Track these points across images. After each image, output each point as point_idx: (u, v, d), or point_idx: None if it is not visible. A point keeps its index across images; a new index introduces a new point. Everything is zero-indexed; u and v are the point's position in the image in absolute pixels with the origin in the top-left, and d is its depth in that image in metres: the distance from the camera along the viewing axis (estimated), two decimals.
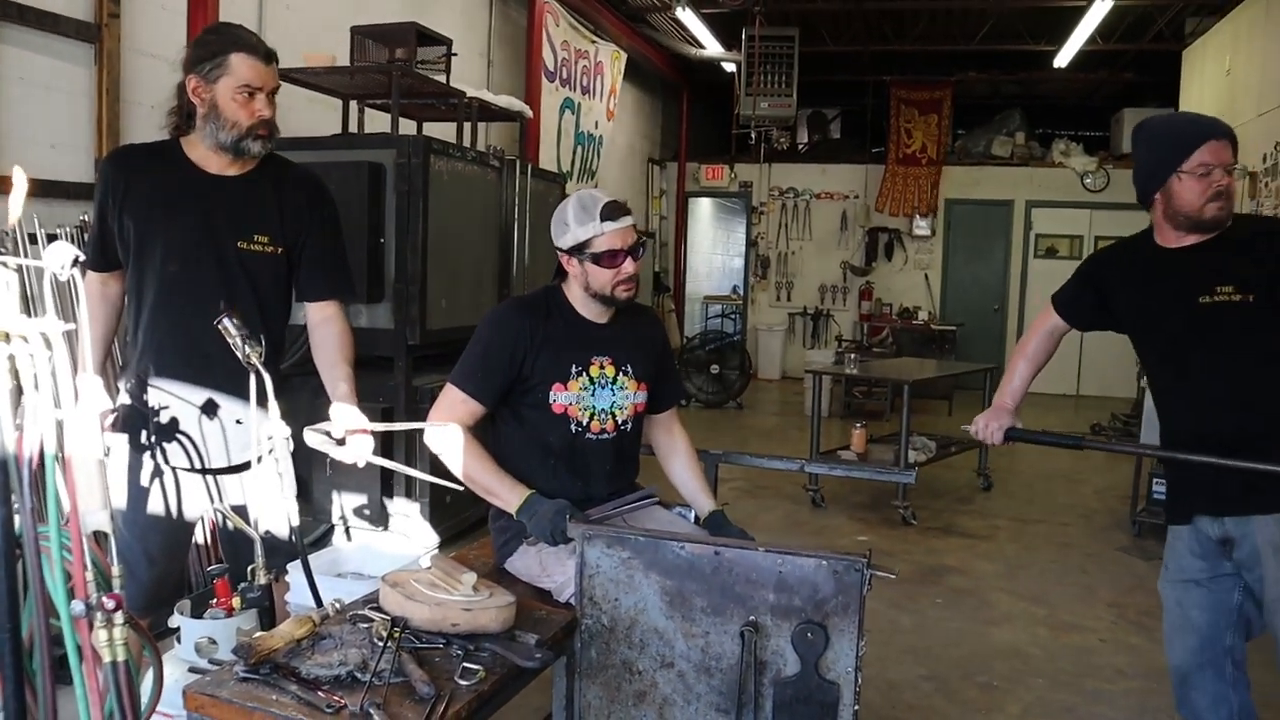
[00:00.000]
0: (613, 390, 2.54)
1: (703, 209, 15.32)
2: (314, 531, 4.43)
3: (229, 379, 2.41)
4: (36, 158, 3.83)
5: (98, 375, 2.44)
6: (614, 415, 2.54)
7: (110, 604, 1.42)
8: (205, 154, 2.46)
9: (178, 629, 2.26)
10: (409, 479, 4.33)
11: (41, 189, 3.77)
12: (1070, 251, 12.42)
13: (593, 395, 2.51)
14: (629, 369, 2.56)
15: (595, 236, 2.43)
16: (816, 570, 2.10)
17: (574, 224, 2.44)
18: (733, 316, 13.65)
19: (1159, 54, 10.46)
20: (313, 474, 4.43)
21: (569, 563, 2.31)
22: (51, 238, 3.44)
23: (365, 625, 2.04)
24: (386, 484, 4.39)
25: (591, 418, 2.51)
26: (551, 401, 2.48)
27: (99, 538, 1.50)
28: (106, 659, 1.44)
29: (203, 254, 2.39)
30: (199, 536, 3.00)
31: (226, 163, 2.46)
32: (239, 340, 2.21)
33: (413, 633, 2.02)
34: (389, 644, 1.92)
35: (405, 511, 4.37)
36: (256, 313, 2.45)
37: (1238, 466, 2.39)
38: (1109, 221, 12.11)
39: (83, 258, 1.52)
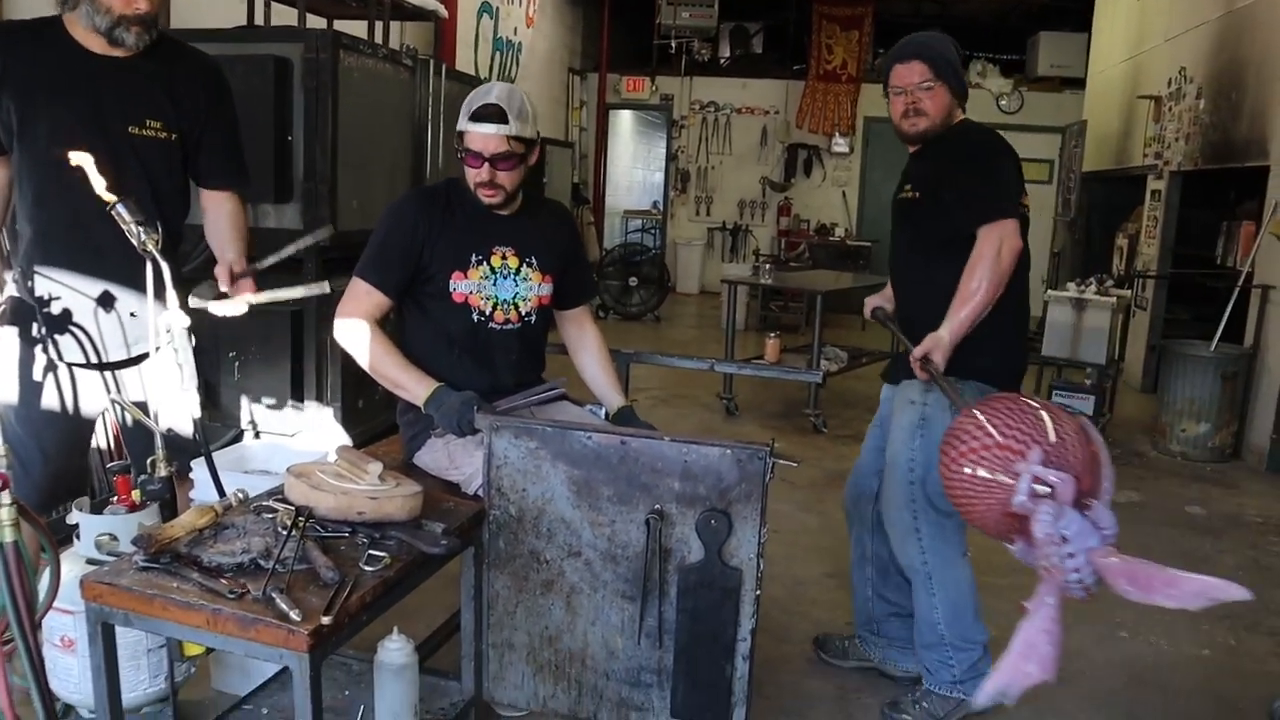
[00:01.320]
0: (515, 280, 2.54)
1: (624, 122, 15.12)
2: (222, 437, 4.36)
3: (122, 268, 2.33)
4: None
5: None
6: (517, 306, 2.54)
7: None
8: (86, 34, 2.33)
9: (76, 525, 2.22)
10: (319, 384, 4.28)
11: None
12: None
13: (494, 285, 2.51)
14: (533, 260, 2.56)
15: (466, 132, 2.43)
16: (721, 459, 2.15)
17: (462, 114, 2.45)
18: (652, 231, 13.63)
19: None
20: (220, 379, 4.35)
21: (477, 454, 2.32)
22: None
23: (270, 515, 2.03)
24: (297, 388, 4.33)
25: (495, 307, 2.51)
26: (452, 290, 2.48)
27: None
28: None
29: (91, 138, 2.26)
30: (100, 436, 2.92)
31: (108, 45, 2.33)
32: (134, 227, 2.14)
33: (318, 522, 2.01)
34: (293, 532, 1.92)
35: (316, 416, 4.33)
36: (151, 201, 2.35)
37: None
38: (1023, 143, 12.07)
39: None
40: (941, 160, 2.74)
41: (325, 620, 1.66)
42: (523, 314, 2.55)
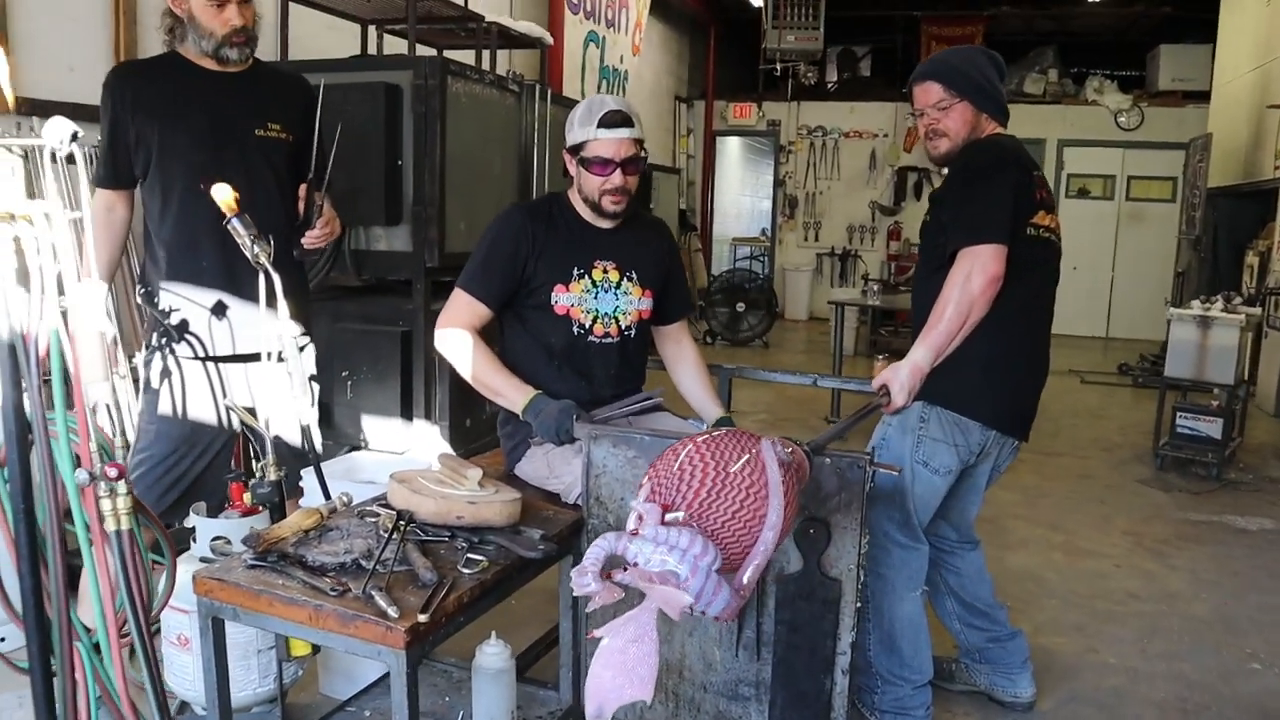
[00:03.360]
0: (616, 294, 2.56)
1: (732, 150, 15.16)
2: (336, 454, 4.49)
3: (240, 277, 2.46)
4: (57, 80, 3.84)
5: (104, 283, 2.50)
6: (617, 320, 2.56)
7: (113, 472, 1.45)
8: (199, 58, 2.53)
9: (193, 529, 2.31)
10: (428, 402, 4.37)
11: (61, 111, 3.78)
12: (1103, 192, 12.21)
13: (595, 298, 2.54)
14: (633, 274, 2.58)
15: (590, 140, 2.45)
16: (820, 467, 2.10)
17: (578, 124, 2.48)
18: (761, 258, 13.58)
19: None
20: (333, 398, 4.49)
21: (575, 463, 2.33)
22: (70, 159, 3.44)
23: (372, 519, 2.08)
24: (406, 406, 4.43)
25: (595, 320, 2.54)
26: (554, 303, 2.51)
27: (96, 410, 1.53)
28: (110, 528, 1.48)
29: (226, 141, 2.48)
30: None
31: (219, 64, 2.53)
32: (248, 240, 2.24)
33: (419, 526, 2.05)
34: (394, 535, 1.96)
35: (425, 433, 4.42)
36: (278, 195, 2.57)
37: None
38: (1142, 160, 11.90)
39: (81, 132, 1.53)
40: (945, 180, 2.68)
41: (422, 618, 1.69)
42: (622, 328, 2.57)
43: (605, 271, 2.55)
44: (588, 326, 2.53)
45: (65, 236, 1.49)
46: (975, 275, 2.43)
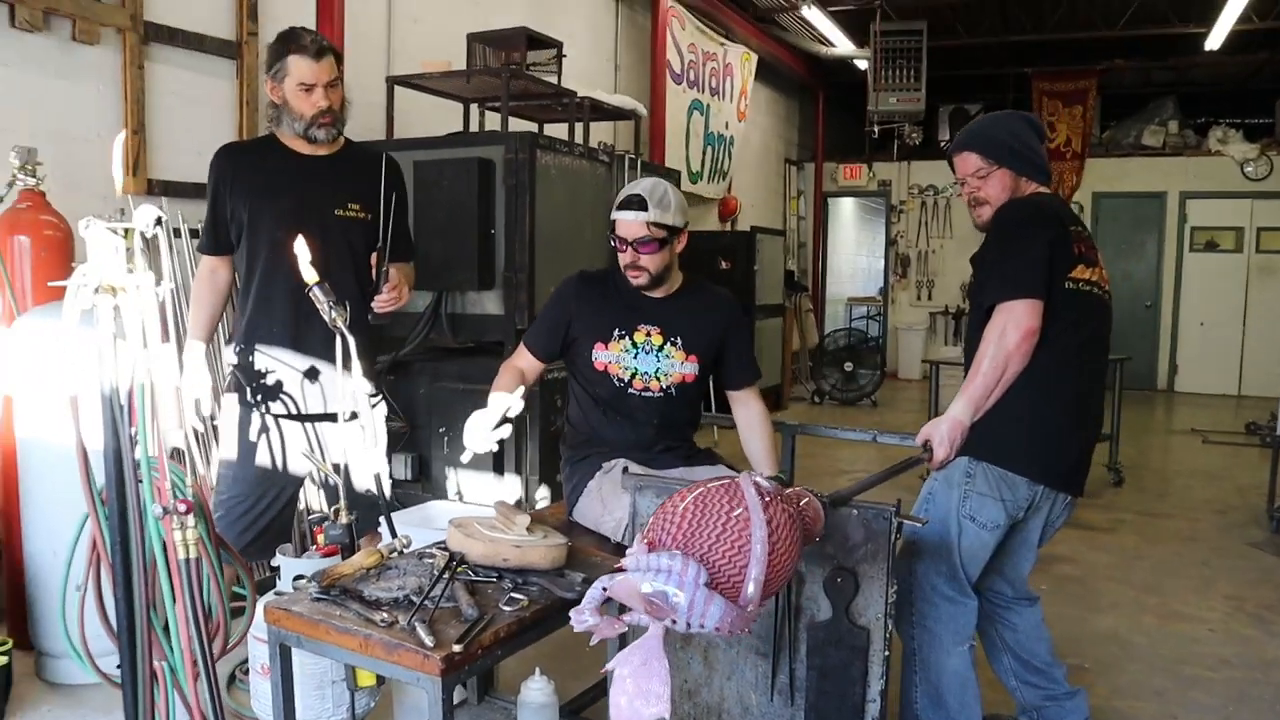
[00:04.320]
0: (658, 357, 2.76)
1: (844, 210, 15.23)
2: (417, 503, 4.73)
3: (328, 333, 2.72)
4: (185, 164, 4.26)
5: (202, 342, 2.81)
6: (658, 379, 2.76)
7: (182, 508, 1.68)
8: (294, 140, 2.85)
9: (278, 568, 2.55)
10: (519, 457, 4.58)
11: (188, 191, 4.20)
12: (1234, 245, 11.77)
13: (634, 358, 2.75)
14: (677, 340, 2.78)
15: (614, 220, 2.72)
16: (847, 519, 2.20)
17: (615, 205, 2.71)
18: (876, 318, 13.54)
19: None
20: (430, 452, 4.75)
21: (626, 499, 2.49)
22: (194, 233, 3.82)
23: (429, 560, 2.26)
24: (498, 462, 4.65)
25: (634, 376, 2.75)
26: (594, 359, 2.75)
27: (177, 454, 1.76)
28: (180, 556, 1.70)
29: (307, 220, 2.73)
30: (309, 494, 3.31)
31: (310, 146, 2.81)
32: (327, 306, 2.48)
33: (470, 567, 2.22)
34: (445, 574, 2.13)
35: (515, 486, 4.63)
36: (352, 270, 2.82)
37: None
38: (1273, 211, 11.44)
39: (164, 217, 1.78)
40: (984, 241, 2.72)
41: (457, 649, 1.84)
42: (664, 386, 2.75)
43: (648, 335, 2.77)
44: (627, 380, 2.74)
45: (152, 305, 1.74)
46: (1010, 330, 2.49)
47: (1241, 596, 4.49)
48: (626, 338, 2.77)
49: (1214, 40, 9.90)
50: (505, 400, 2.63)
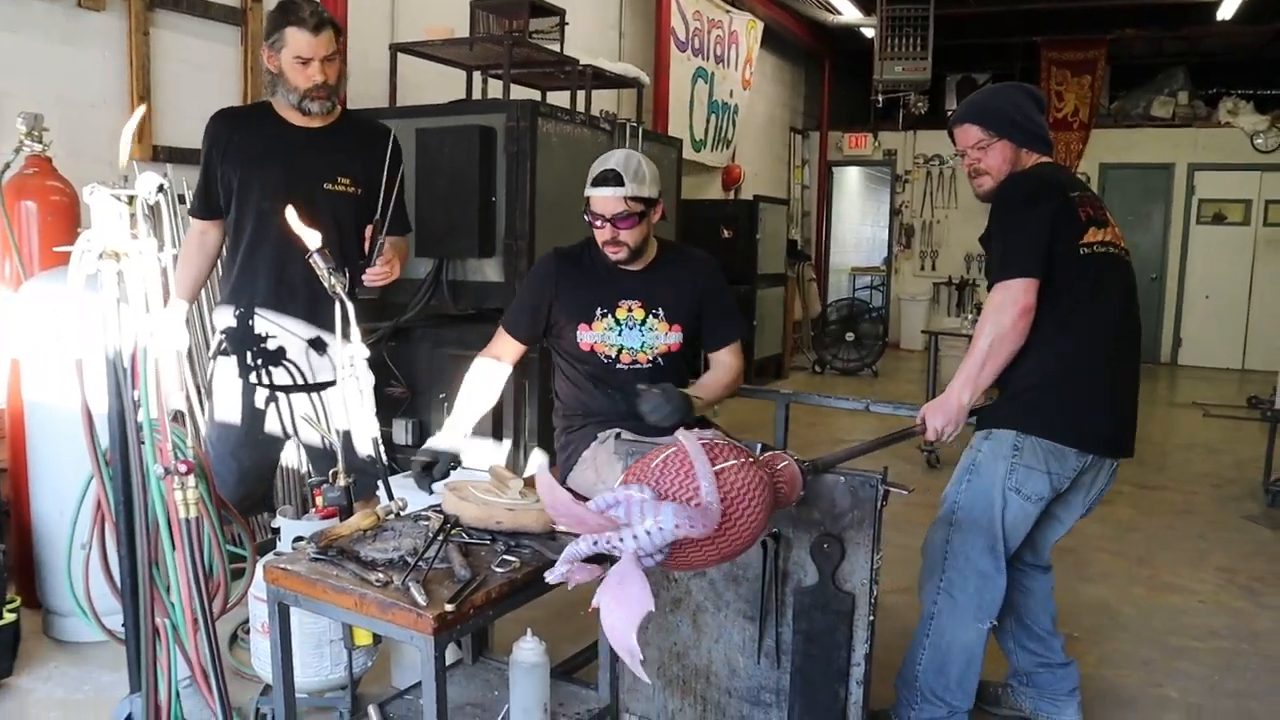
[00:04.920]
0: (642, 331, 2.79)
1: (850, 180, 15.19)
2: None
3: (308, 306, 2.76)
4: (190, 129, 4.26)
5: (185, 301, 2.86)
6: (645, 351, 2.80)
7: (183, 468, 1.73)
8: (288, 111, 2.86)
9: (278, 529, 2.61)
10: (517, 423, 4.63)
11: (192, 158, 4.22)
12: (1242, 217, 11.72)
13: (619, 335, 2.78)
14: (659, 311, 2.80)
15: (588, 197, 2.71)
16: (835, 486, 2.24)
17: (588, 181, 2.72)
18: (880, 288, 13.55)
19: None
20: (431, 418, 4.80)
21: (619, 468, 2.53)
22: (156, 207, 3.87)
23: (424, 522, 2.32)
24: (497, 427, 4.70)
25: (620, 352, 2.79)
26: (579, 340, 2.79)
27: (179, 416, 1.81)
28: (180, 515, 1.75)
29: (295, 193, 2.73)
30: (289, 460, 3.39)
31: (305, 118, 2.84)
32: (327, 272, 2.52)
33: (464, 529, 2.28)
34: (439, 536, 2.19)
35: (514, 452, 4.69)
36: (338, 245, 2.80)
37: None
38: None
39: (167, 185, 1.82)
40: (990, 217, 2.74)
41: (449, 608, 1.90)
42: (651, 358, 2.80)
43: (630, 310, 2.79)
44: (614, 357, 2.78)
45: (155, 271, 1.78)
46: (1007, 308, 2.53)
47: (1234, 569, 4.55)
48: (609, 315, 2.79)
49: (1226, 9, 9.82)
50: (453, 441, 2.70)
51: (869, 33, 10.82)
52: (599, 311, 2.79)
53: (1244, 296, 11.72)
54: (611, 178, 2.66)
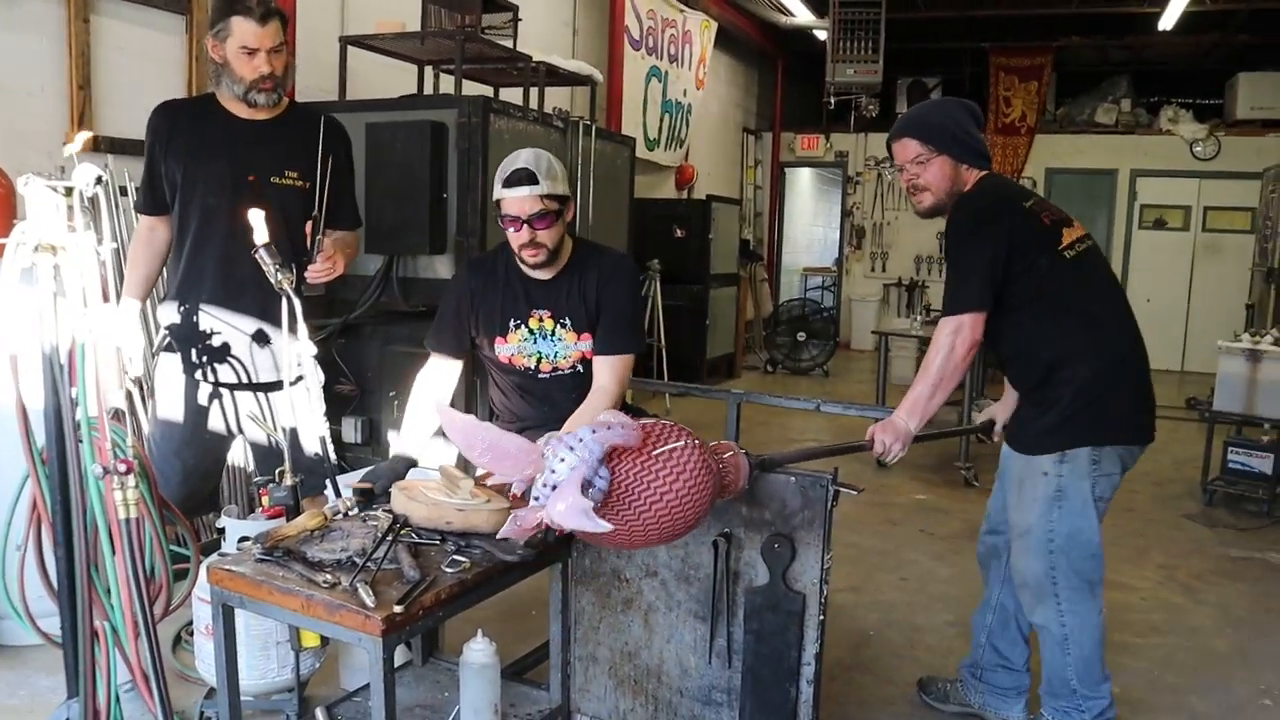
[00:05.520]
0: (552, 341, 2.77)
1: (803, 181, 15.28)
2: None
3: (259, 305, 2.71)
4: (132, 119, 4.18)
5: (137, 301, 2.79)
6: (563, 360, 2.77)
7: (123, 468, 1.68)
8: (233, 102, 2.80)
9: (223, 530, 2.55)
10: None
11: (135, 149, 4.13)
12: (1182, 223, 11.99)
13: (534, 343, 2.76)
14: (566, 321, 2.76)
15: (500, 199, 2.63)
16: (785, 486, 2.25)
17: (497, 184, 2.65)
18: (831, 288, 13.65)
19: (1275, 11, 9.97)
20: (382, 416, 4.75)
21: None
22: (94, 200, 3.79)
23: (373, 522, 2.28)
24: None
25: (539, 361, 2.76)
26: (498, 353, 2.77)
27: (118, 415, 1.77)
28: (120, 516, 1.71)
29: (239, 187, 2.68)
30: (238, 455, 3.33)
31: (250, 110, 2.78)
32: (274, 268, 2.47)
33: (414, 530, 2.24)
34: (388, 536, 2.15)
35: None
36: (286, 239, 2.75)
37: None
38: (1220, 191, 11.66)
39: (105, 177, 1.77)
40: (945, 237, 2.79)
41: (397, 609, 1.87)
42: (571, 365, 2.79)
43: (541, 320, 2.76)
44: (534, 366, 2.77)
45: (93, 265, 1.73)
46: (959, 345, 2.59)
47: (1173, 566, 4.65)
48: (523, 326, 2.76)
49: (1167, 20, 10.03)
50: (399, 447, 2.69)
51: (821, 35, 10.89)
52: (512, 323, 2.76)
53: (1184, 300, 11.99)
54: (525, 177, 2.58)
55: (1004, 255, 2.60)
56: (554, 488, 1.66)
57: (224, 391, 2.83)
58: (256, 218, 2.44)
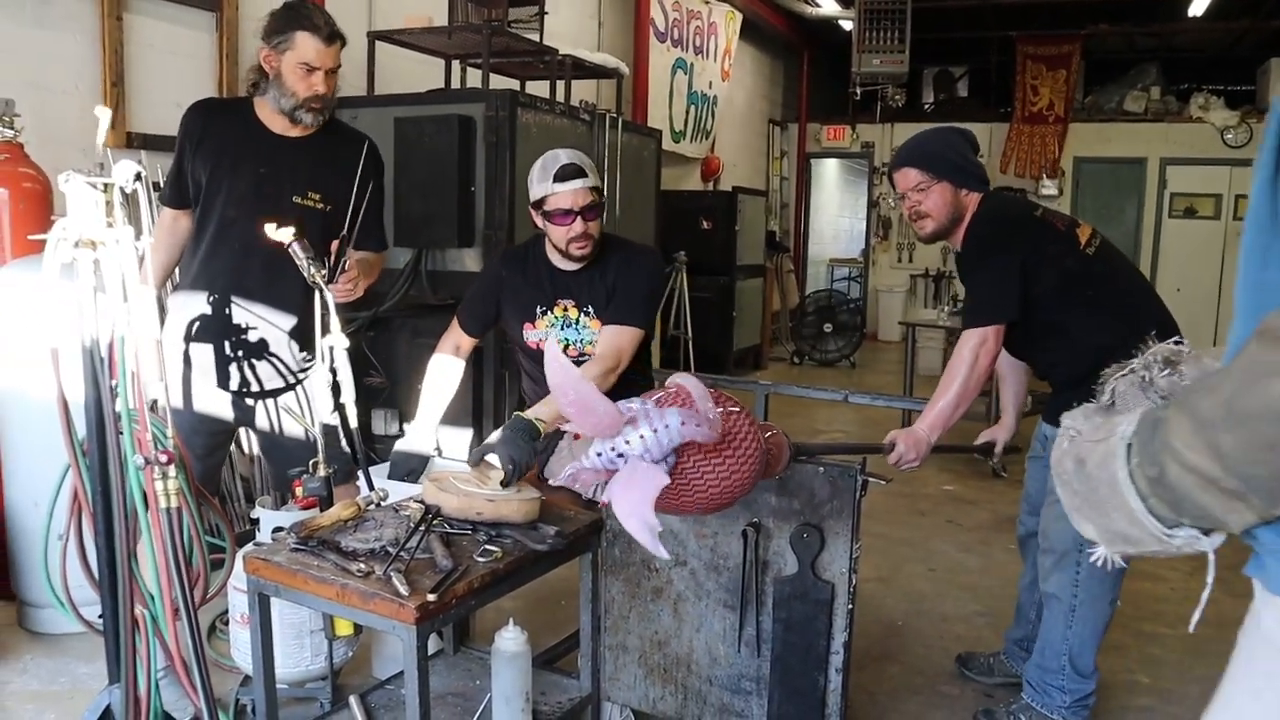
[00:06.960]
0: (576, 329, 2.85)
1: (829, 172, 15.21)
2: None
3: (271, 311, 2.75)
4: (164, 116, 4.24)
5: (154, 289, 2.83)
6: (590, 345, 2.83)
7: (164, 458, 1.71)
8: (271, 115, 2.78)
9: (257, 520, 2.59)
10: (496, 412, 4.62)
11: (167, 145, 4.18)
12: (1213, 211, 11.85)
13: (562, 329, 2.84)
14: (590, 310, 2.84)
15: (549, 195, 2.68)
16: (814, 476, 2.26)
17: (536, 181, 2.72)
18: (858, 279, 13.60)
19: None
20: (410, 410, 4.78)
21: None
22: (133, 195, 3.86)
23: (405, 513, 2.31)
24: (476, 418, 4.70)
25: (566, 347, 2.83)
26: (526, 338, 2.86)
27: (155, 406, 1.80)
28: (161, 505, 1.74)
29: (261, 204, 2.68)
30: (247, 445, 3.38)
31: (288, 125, 2.77)
32: (305, 262, 2.50)
33: (446, 520, 2.27)
34: (420, 526, 2.18)
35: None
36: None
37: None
38: (1251, 179, 11.52)
39: (144, 173, 1.80)
40: (962, 258, 2.85)
41: (431, 598, 1.90)
42: (594, 353, 2.82)
43: (565, 309, 2.85)
44: (562, 350, 2.78)
45: (132, 260, 1.77)
46: (983, 357, 2.64)
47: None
48: (549, 312, 2.85)
49: (1197, 6, 9.92)
50: (426, 439, 2.80)
51: (847, 25, 10.84)
52: (539, 310, 2.86)
53: (1214, 289, 11.85)
54: (574, 171, 2.68)
55: (1026, 264, 2.66)
56: (622, 456, 1.67)
57: (241, 388, 2.86)
58: (278, 230, 2.46)
